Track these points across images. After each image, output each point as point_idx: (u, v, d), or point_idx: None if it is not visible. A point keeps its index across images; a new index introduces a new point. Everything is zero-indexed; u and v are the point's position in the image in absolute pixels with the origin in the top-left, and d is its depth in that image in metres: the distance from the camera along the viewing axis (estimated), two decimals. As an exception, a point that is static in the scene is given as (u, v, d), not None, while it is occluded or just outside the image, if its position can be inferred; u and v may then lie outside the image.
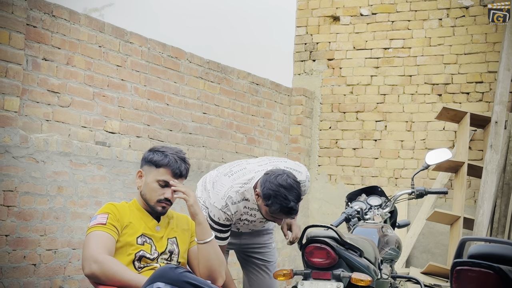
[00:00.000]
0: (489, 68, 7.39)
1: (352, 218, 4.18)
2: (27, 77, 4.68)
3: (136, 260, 3.04)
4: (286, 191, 3.42)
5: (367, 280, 3.31)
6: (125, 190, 5.36)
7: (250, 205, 3.67)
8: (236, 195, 3.63)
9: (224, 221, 3.65)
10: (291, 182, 3.45)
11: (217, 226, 3.65)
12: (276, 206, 3.44)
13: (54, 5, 4.87)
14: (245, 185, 3.64)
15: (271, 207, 3.47)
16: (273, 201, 3.44)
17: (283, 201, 3.42)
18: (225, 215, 3.63)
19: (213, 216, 3.65)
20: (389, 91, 7.88)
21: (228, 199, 3.62)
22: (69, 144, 4.93)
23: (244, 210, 3.69)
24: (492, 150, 6.74)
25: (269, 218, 3.59)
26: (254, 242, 4.06)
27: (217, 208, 3.63)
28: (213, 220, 3.65)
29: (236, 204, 3.64)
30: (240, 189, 3.63)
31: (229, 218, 3.66)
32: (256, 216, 3.74)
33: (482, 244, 3.32)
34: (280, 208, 3.44)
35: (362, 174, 7.92)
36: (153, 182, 3.12)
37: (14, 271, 4.51)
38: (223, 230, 3.69)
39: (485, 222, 6.60)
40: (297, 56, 8.43)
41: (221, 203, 3.62)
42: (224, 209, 3.62)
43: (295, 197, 3.45)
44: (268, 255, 4.10)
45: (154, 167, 3.14)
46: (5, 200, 4.46)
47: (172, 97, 6.01)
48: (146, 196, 3.14)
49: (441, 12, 7.68)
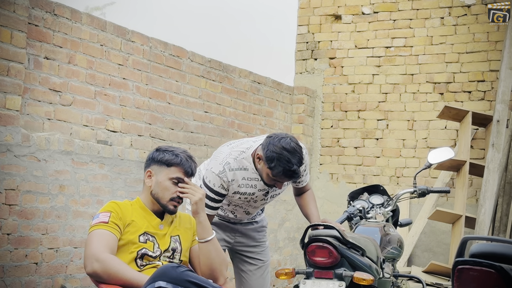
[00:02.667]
0: (491, 67, 7.38)
1: (354, 217, 4.18)
2: (28, 76, 4.68)
3: (138, 258, 3.04)
4: (290, 154, 3.41)
5: (369, 279, 3.31)
6: (127, 188, 5.37)
7: (249, 175, 3.62)
8: (234, 162, 3.59)
9: (218, 188, 3.58)
10: (294, 145, 3.44)
11: (210, 192, 3.58)
12: (279, 168, 3.41)
13: (56, 4, 4.88)
14: (243, 153, 3.62)
15: (273, 170, 3.43)
16: (276, 163, 3.41)
17: (286, 164, 3.40)
18: (221, 181, 3.57)
19: (208, 182, 3.59)
20: (390, 90, 7.88)
21: (226, 165, 3.58)
22: (70, 143, 4.93)
23: (242, 182, 3.62)
24: (494, 149, 6.74)
25: (270, 182, 3.54)
26: (248, 240, 4.02)
27: (214, 173, 3.58)
28: (207, 186, 3.59)
29: (234, 171, 3.58)
30: (238, 156, 3.60)
31: (224, 186, 3.58)
32: (256, 186, 3.66)
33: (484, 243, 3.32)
34: (283, 171, 3.41)
35: (363, 173, 7.92)
36: (165, 180, 3.13)
37: (16, 270, 4.51)
38: (215, 199, 3.60)
39: (486, 221, 6.60)
40: (299, 54, 8.42)
41: (218, 168, 3.58)
42: (221, 174, 3.57)
43: (298, 161, 3.42)
44: (262, 254, 4.07)
45: (165, 166, 3.14)
46: (7, 199, 4.46)
47: (174, 96, 6.01)
48: (158, 195, 3.14)
49: (443, 10, 7.67)
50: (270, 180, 3.54)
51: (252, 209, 3.86)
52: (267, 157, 3.44)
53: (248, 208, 3.84)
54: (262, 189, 3.70)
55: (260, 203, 3.83)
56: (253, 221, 4.04)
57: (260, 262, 4.05)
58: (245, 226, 3.99)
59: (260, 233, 4.07)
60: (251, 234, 4.02)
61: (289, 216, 7.53)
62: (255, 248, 4.05)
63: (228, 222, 3.93)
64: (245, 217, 3.94)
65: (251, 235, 4.02)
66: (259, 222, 4.07)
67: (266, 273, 4.08)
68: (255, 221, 4.05)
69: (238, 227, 3.96)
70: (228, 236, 3.94)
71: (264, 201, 3.83)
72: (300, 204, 4.00)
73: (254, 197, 3.73)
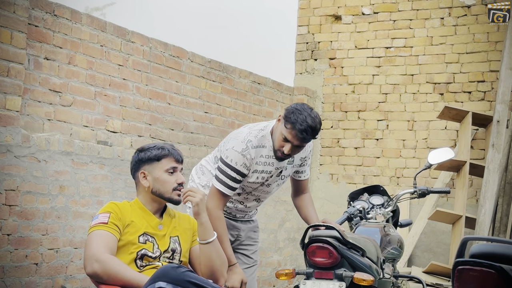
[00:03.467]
0: (491, 67, 7.38)
1: (354, 218, 4.19)
2: (28, 77, 4.68)
3: (138, 258, 3.04)
4: (310, 114, 3.55)
5: (369, 279, 3.31)
6: (127, 189, 5.36)
7: (267, 152, 3.68)
8: (255, 139, 3.66)
9: (240, 167, 3.61)
10: (315, 114, 3.59)
11: (232, 172, 3.61)
12: (296, 120, 3.49)
13: (56, 5, 4.88)
14: (262, 131, 3.70)
15: (290, 122, 3.51)
16: (295, 115, 3.50)
17: (304, 118, 3.50)
18: (244, 159, 3.61)
19: (230, 161, 3.61)
20: (391, 90, 7.88)
21: (249, 142, 3.63)
22: (70, 143, 4.93)
23: (260, 159, 3.67)
24: (494, 149, 6.74)
25: (281, 145, 3.58)
26: (247, 238, 4.03)
27: (236, 151, 3.61)
28: (229, 165, 3.61)
29: (255, 149, 3.64)
30: (258, 134, 3.68)
31: (246, 165, 3.62)
32: (274, 164, 3.71)
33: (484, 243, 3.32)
34: (301, 122, 3.49)
35: (364, 173, 7.92)
36: (162, 174, 3.16)
37: (16, 270, 4.51)
38: (236, 179, 3.63)
39: (487, 221, 6.59)
40: (299, 55, 8.42)
41: (241, 146, 3.62)
42: (244, 152, 3.61)
43: (313, 121, 3.54)
44: (255, 254, 4.10)
45: (155, 161, 3.18)
46: (7, 200, 4.46)
47: (174, 97, 6.01)
48: (160, 190, 3.16)
49: (443, 11, 7.67)
50: (281, 141, 3.58)
51: (264, 194, 3.90)
52: (288, 111, 3.55)
53: (260, 195, 3.88)
54: (278, 167, 3.76)
55: (273, 187, 3.87)
56: (250, 220, 4.08)
57: (251, 261, 4.08)
58: (245, 224, 4.02)
59: (255, 233, 4.13)
60: (249, 233, 4.05)
61: (289, 216, 7.53)
62: (251, 247, 4.08)
63: (230, 219, 3.94)
64: (254, 206, 3.96)
65: (248, 233, 4.05)
66: (255, 221, 4.13)
67: (255, 274, 4.10)
68: (252, 220, 4.10)
69: (239, 224, 3.98)
70: (231, 235, 3.95)
71: (276, 184, 3.87)
72: (298, 206, 4.05)
73: (270, 176, 3.77)
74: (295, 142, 3.57)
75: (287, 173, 3.87)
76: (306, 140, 3.57)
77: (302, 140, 3.56)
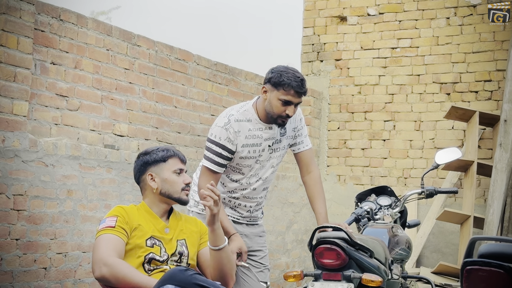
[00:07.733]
0: (498, 66, 7.36)
1: (362, 219, 4.18)
2: (35, 82, 4.69)
3: (146, 262, 3.04)
4: (293, 70, 3.61)
5: (377, 280, 3.30)
6: (134, 193, 5.37)
7: (254, 125, 3.69)
8: (237, 113, 3.69)
9: (224, 142, 3.62)
10: (294, 68, 3.66)
11: (217, 147, 3.62)
12: (287, 80, 3.53)
13: (62, 9, 4.89)
14: (244, 106, 3.75)
15: (282, 84, 3.54)
16: (284, 77, 3.54)
17: (293, 74, 3.56)
18: (227, 133, 3.62)
19: (214, 137, 3.64)
20: (397, 91, 7.87)
21: (231, 116, 3.66)
22: (78, 147, 4.94)
23: (248, 133, 3.67)
24: (502, 149, 6.72)
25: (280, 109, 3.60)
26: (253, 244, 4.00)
27: (219, 127, 3.65)
28: (213, 141, 3.64)
29: (239, 122, 3.65)
30: (240, 109, 3.71)
31: (230, 139, 3.62)
32: (262, 136, 3.70)
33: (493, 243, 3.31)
34: (293, 79, 3.54)
35: (371, 174, 7.91)
36: (170, 175, 3.18)
37: (25, 275, 4.52)
38: (222, 154, 3.63)
39: (495, 221, 6.58)
40: (305, 56, 8.42)
41: (223, 121, 3.66)
42: (227, 125, 3.63)
43: (303, 77, 3.63)
44: (264, 259, 4.05)
45: (162, 163, 3.20)
46: (15, 204, 4.48)
47: (180, 100, 6.02)
48: (169, 190, 3.17)
49: (449, 11, 7.66)
50: (280, 105, 3.59)
51: (264, 172, 3.83)
52: (273, 77, 3.59)
53: (259, 172, 3.81)
54: (268, 138, 3.74)
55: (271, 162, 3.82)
56: (255, 224, 4.02)
57: (262, 266, 4.04)
58: (250, 229, 3.99)
59: (261, 238, 4.08)
60: (254, 238, 4.02)
61: (296, 218, 7.53)
62: (259, 252, 4.05)
63: (235, 223, 3.93)
64: (260, 188, 3.88)
65: (254, 239, 4.02)
66: (260, 225, 4.07)
67: (268, 278, 4.06)
68: (257, 224, 4.05)
69: (245, 229, 3.97)
70: None
71: (274, 158, 3.83)
72: (307, 192, 4.00)
73: (262, 150, 3.75)
74: (296, 100, 3.61)
75: (281, 145, 3.83)
76: (304, 93, 3.63)
77: (301, 94, 3.62)
